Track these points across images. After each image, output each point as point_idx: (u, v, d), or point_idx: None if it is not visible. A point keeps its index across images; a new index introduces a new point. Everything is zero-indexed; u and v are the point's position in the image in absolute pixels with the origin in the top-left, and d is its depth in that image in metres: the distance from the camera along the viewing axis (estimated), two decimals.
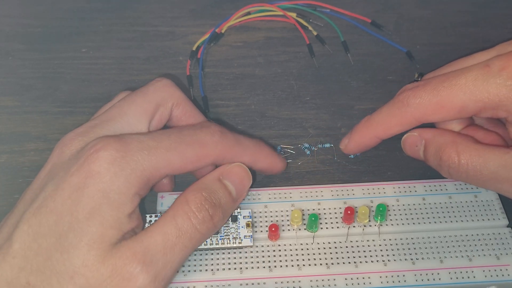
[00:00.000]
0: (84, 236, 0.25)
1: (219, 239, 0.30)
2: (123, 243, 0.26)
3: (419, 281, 0.29)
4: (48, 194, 0.26)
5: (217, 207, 0.28)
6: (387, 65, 0.42)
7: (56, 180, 0.27)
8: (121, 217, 0.26)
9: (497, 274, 0.29)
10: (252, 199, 0.32)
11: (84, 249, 0.25)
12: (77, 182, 0.26)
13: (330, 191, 0.33)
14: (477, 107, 0.29)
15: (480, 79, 0.28)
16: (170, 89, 0.31)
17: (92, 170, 0.26)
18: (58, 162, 0.28)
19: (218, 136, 0.30)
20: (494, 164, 0.28)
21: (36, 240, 0.25)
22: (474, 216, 0.32)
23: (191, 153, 0.29)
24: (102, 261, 0.25)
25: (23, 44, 0.43)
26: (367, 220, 0.31)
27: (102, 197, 0.26)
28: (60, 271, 0.25)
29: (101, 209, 0.26)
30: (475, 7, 0.46)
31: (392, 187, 0.33)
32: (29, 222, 0.26)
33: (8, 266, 0.25)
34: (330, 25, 0.44)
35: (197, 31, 0.44)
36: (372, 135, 0.32)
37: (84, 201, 0.26)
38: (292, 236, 0.31)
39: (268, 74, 0.41)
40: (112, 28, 0.44)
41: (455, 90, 0.29)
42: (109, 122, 0.29)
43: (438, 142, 0.31)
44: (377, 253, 0.30)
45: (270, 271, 0.30)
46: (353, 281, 0.29)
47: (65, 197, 0.26)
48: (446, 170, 0.30)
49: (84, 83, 0.40)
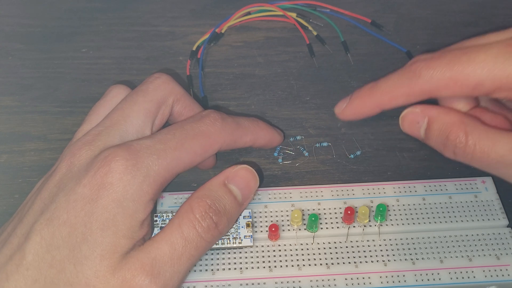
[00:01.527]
0: (97, 247, 0.25)
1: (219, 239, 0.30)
2: (132, 253, 0.26)
3: (419, 281, 0.29)
4: (60, 206, 0.26)
5: (222, 214, 0.28)
6: (387, 65, 0.42)
7: (67, 191, 0.26)
8: (134, 225, 0.26)
9: (497, 274, 0.29)
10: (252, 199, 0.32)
11: (96, 260, 0.25)
12: (90, 194, 0.26)
13: (330, 191, 0.33)
14: (494, 86, 0.27)
15: (501, 57, 0.27)
16: (169, 85, 0.31)
17: (105, 182, 0.26)
18: (68, 173, 0.28)
19: (219, 123, 0.30)
20: (503, 148, 0.27)
21: (49, 252, 0.25)
22: (474, 216, 0.32)
23: (198, 147, 0.29)
24: (112, 273, 0.25)
25: (23, 44, 0.43)
26: (367, 220, 0.31)
27: (116, 207, 0.26)
28: (74, 283, 0.25)
29: (115, 219, 0.26)
30: (475, 7, 0.46)
31: (392, 187, 0.33)
32: (41, 233, 0.26)
33: (22, 278, 0.25)
34: (330, 25, 0.44)
35: (197, 31, 0.44)
36: (375, 103, 0.30)
37: (98, 212, 0.26)
38: (292, 236, 0.31)
39: (268, 74, 0.41)
40: (112, 28, 0.44)
41: (472, 66, 0.27)
42: (113, 127, 0.29)
43: (444, 120, 0.29)
44: (377, 253, 0.30)
45: (270, 271, 0.30)
46: (353, 281, 0.29)
47: (78, 209, 0.26)
48: (452, 150, 0.28)
49: (84, 83, 0.40)
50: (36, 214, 0.27)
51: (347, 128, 0.38)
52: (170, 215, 0.30)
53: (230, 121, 0.31)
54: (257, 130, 0.33)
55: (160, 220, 0.30)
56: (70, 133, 0.37)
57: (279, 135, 0.35)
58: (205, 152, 0.30)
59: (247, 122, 0.32)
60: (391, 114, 0.38)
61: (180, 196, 0.32)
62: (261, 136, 0.33)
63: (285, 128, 0.38)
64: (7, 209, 0.34)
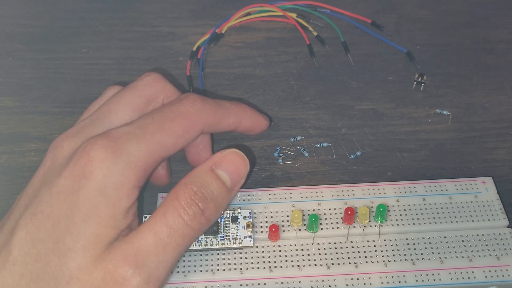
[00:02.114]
0: (80, 238, 0.25)
1: (219, 240, 0.30)
2: (115, 244, 0.26)
3: (420, 281, 0.29)
4: (43, 199, 0.26)
5: (208, 201, 0.27)
6: (387, 65, 0.42)
7: (50, 185, 0.26)
8: (118, 214, 0.26)
9: (498, 274, 0.29)
10: (252, 199, 0.32)
11: (80, 251, 0.25)
12: (72, 185, 0.26)
13: (330, 191, 0.33)
14: None
15: None
16: (160, 83, 0.31)
17: (85, 171, 0.26)
18: (51, 166, 0.27)
19: (199, 104, 0.29)
20: None
21: (35, 246, 0.25)
22: (474, 217, 0.32)
23: (178, 128, 0.28)
24: (95, 264, 0.25)
25: (23, 44, 0.43)
26: (367, 221, 0.31)
27: (98, 195, 0.26)
28: (58, 276, 0.25)
29: (97, 209, 0.25)
30: (475, 7, 0.46)
31: (393, 187, 0.33)
32: (27, 228, 0.25)
33: (8, 273, 0.25)
34: (330, 26, 0.44)
35: (197, 31, 0.44)
36: None
37: (80, 203, 0.25)
38: (292, 236, 0.31)
39: (268, 74, 0.41)
40: (112, 28, 0.44)
41: None
42: (98, 120, 0.29)
43: None
44: (378, 253, 0.30)
45: (270, 272, 0.30)
46: (353, 282, 0.29)
47: (61, 201, 0.26)
48: None
49: (84, 83, 0.40)
50: (21, 210, 0.27)
51: (347, 128, 0.38)
52: None
53: (210, 102, 0.30)
54: (241, 111, 0.32)
55: None
56: None
57: (265, 119, 0.34)
58: (187, 133, 0.29)
59: (230, 104, 0.32)
60: (391, 114, 0.39)
61: None
62: (245, 118, 0.32)
63: (285, 128, 0.38)
64: (7, 209, 0.33)
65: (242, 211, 0.31)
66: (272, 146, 0.37)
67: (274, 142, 0.37)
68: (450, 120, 0.38)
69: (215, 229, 0.30)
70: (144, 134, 0.27)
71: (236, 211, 0.31)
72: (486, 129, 0.37)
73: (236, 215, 0.31)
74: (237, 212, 0.31)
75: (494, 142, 0.37)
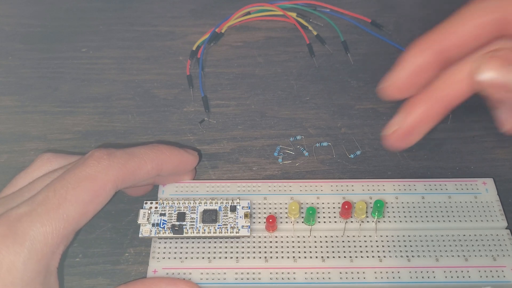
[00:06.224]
0: None
1: (216, 228, 0.30)
2: None
3: (414, 278, 0.29)
4: None
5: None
6: (387, 65, 0.41)
7: None
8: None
9: (493, 275, 0.29)
10: (252, 190, 0.33)
11: None
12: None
13: (330, 186, 0.33)
14: None
15: None
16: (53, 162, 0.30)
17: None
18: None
19: (105, 160, 0.27)
20: None
21: None
22: (473, 217, 0.32)
23: (85, 194, 0.26)
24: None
25: (23, 44, 0.43)
26: (364, 216, 0.31)
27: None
28: None
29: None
30: None
31: (392, 184, 0.33)
32: None
33: None
34: (330, 25, 0.44)
35: (197, 31, 0.44)
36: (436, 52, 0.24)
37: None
38: (289, 228, 0.31)
39: (268, 74, 0.41)
40: (112, 28, 0.44)
41: None
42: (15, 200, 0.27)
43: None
44: (373, 248, 0.30)
45: (265, 262, 0.30)
46: (347, 275, 0.29)
47: None
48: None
49: (84, 83, 0.41)
50: None
51: (347, 128, 0.38)
52: (171, 203, 0.31)
53: (119, 155, 0.28)
54: (158, 155, 0.29)
55: (160, 207, 0.31)
56: (70, 133, 0.37)
57: (192, 155, 0.31)
58: (97, 197, 0.26)
59: (143, 149, 0.29)
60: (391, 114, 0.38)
61: (181, 185, 0.33)
62: (165, 161, 0.29)
63: (285, 128, 0.38)
64: None
65: (241, 201, 0.31)
66: (272, 145, 0.37)
67: (274, 141, 0.37)
68: (450, 119, 0.38)
69: (213, 218, 0.30)
70: (46, 212, 0.25)
71: (235, 201, 0.31)
72: (486, 128, 0.37)
73: (235, 205, 0.31)
74: (236, 202, 0.31)
75: (494, 142, 0.37)
